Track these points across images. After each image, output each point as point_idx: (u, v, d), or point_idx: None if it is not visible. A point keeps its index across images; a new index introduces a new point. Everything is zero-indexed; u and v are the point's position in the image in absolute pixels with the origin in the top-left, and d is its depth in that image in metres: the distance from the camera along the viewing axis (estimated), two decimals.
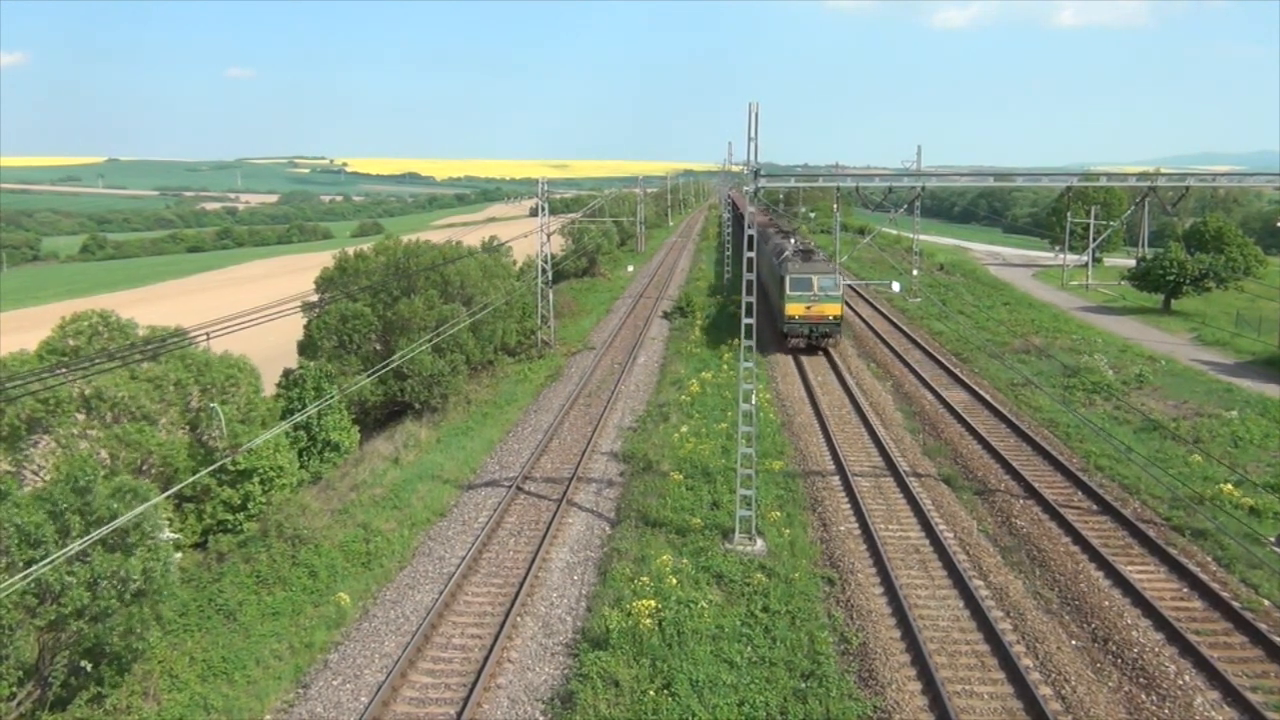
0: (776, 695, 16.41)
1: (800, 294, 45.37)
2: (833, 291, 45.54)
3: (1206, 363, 43.81)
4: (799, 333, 45.63)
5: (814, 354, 45.86)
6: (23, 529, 15.35)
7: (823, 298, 45.44)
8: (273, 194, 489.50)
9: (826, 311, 45.48)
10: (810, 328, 45.47)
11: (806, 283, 45.36)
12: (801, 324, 45.44)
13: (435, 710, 17.03)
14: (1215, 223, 68.97)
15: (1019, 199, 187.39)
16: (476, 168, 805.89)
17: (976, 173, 46.02)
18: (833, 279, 45.75)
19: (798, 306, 45.41)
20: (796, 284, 45.30)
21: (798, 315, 45.40)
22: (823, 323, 45.49)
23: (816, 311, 45.39)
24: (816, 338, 45.80)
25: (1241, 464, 27.95)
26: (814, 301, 45.31)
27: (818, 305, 45.39)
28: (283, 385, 32.68)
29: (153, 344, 25.24)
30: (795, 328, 45.57)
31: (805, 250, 49.47)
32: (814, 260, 47.59)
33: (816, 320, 45.38)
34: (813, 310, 45.35)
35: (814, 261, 47.26)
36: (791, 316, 45.47)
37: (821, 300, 45.36)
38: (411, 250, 43.46)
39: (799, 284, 45.33)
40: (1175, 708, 16.01)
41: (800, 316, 45.43)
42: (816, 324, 45.40)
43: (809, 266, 46.32)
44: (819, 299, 45.38)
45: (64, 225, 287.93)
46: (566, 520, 25.97)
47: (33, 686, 16.36)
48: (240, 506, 25.37)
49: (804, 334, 45.65)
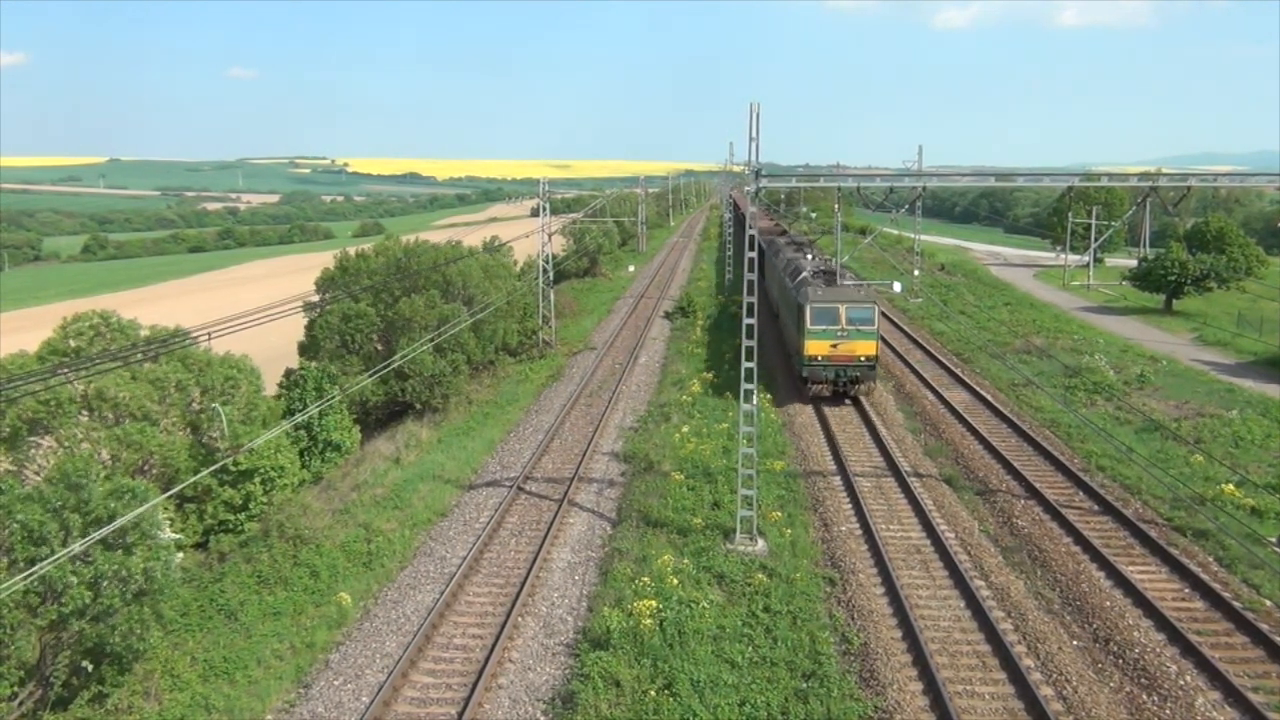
0: (778, 695, 16.41)
1: (824, 328, 35.63)
2: (866, 325, 35.63)
3: (1208, 363, 43.78)
4: (822, 377, 35.93)
5: (840, 402, 36.72)
6: (26, 525, 15.37)
7: (853, 333, 35.57)
8: (274, 194, 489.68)
9: (858, 350, 35.60)
10: (837, 371, 35.81)
11: (831, 314, 35.69)
12: (825, 366, 35.83)
13: (436, 710, 17.03)
14: (1217, 223, 68.95)
15: (1020, 199, 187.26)
16: (478, 168, 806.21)
17: (978, 173, 44.33)
18: (868, 309, 35.79)
19: (820, 344, 35.67)
20: (820, 315, 35.72)
21: (820, 356, 35.66)
22: (853, 364, 35.76)
23: (845, 351, 35.62)
24: (845, 383, 36.11)
25: (1243, 464, 27.93)
26: (842, 338, 35.54)
27: (846, 343, 35.61)
28: (284, 385, 32.71)
29: (154, 344, 25.25)
30: (817, 371, 35.94)
31: (828, 271, 40.34)
32: (840, 283, 37.94)
33: (845, 361, 35.69)
34: (840, 349, 35.60)
35: (841, 285, 37.63)
36: (813, 357, 35.74)
37: (851, 337, 35.57)
38: (412, 250, 43.49)
39: (822, 315, 35.71)
40: (1177, 708, 16.00)
41: (824, 357, 35.67)
42: (845, 366, 35.77)
43: (835, 293, 36.52)
44: (848, 335, 35.60)
45: (65, 225, 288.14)
46: (568, 520, 25.97)
47: (34, 686, 16.37)
48: (241, 507, 25.40)
49: (828, 379, 35.97)
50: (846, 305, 35.72)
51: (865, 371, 35.93)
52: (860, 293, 36.62)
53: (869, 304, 35.89)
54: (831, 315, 35.64)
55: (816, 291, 36.38)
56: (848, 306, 35.71)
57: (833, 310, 35.68)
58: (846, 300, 35.96)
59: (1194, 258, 59.85)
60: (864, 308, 35.75)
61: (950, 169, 56.10)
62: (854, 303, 35.91)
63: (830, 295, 36.28)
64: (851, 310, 35.70)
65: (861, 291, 36.84)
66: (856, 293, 36.74)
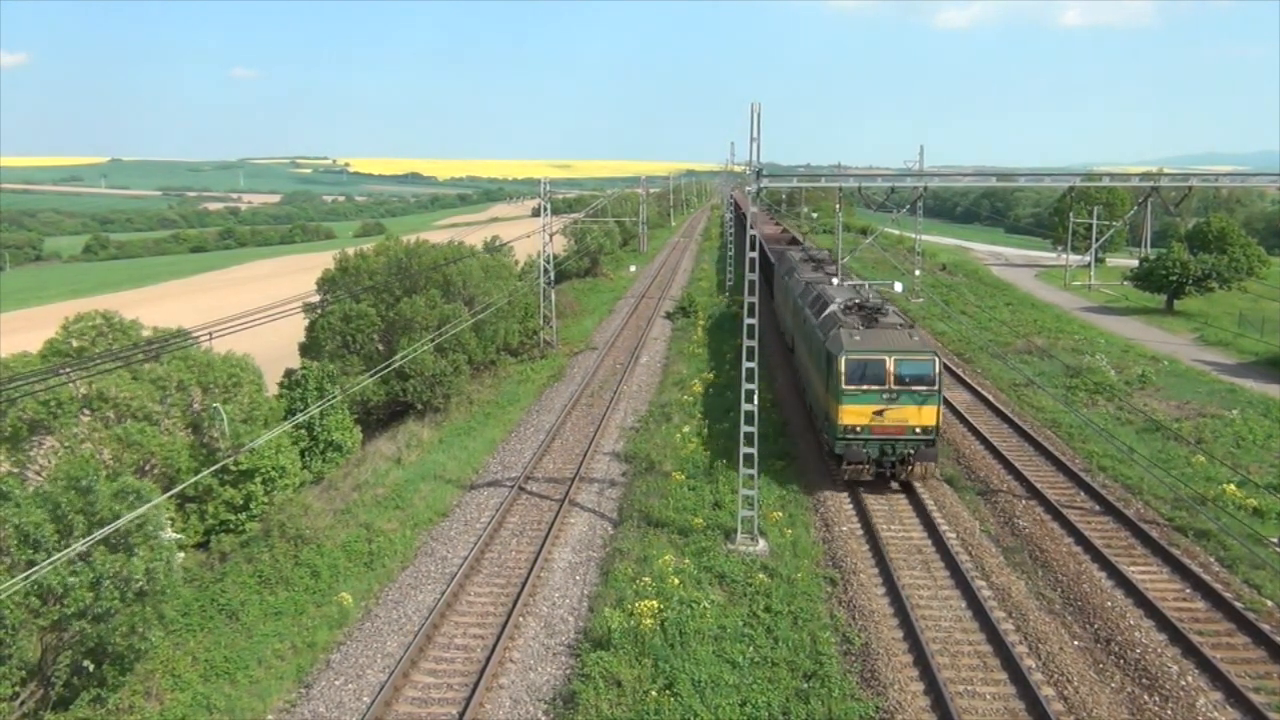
0: (779, 695, 16.41)
1: (865, 389, 25.63)
2: (924, 384, 25.60)
3: (1209, 363, 43.76)
4: (861, 456, 25.72)
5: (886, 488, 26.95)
6: (22, 529, 15.38)
7: (905, 396, 25.56)
8: (275, 194, 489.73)
9: (911, 420, 25.61)
10: (882, 446, 25.78)
11: (875, 369, 25.68)
12: (867, 440, 25.70)
13: (437, 710, 17.03)
14: (1218, 223, 68.92)
15: (1021, 199, 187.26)
16: (479, 168, 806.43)
17: (979, 173, 44.11)
18: (925, 361, 25.74)
19: (859, 411, 25.68)
20: (858, 371, 25.71)
21: (859, 426, 25.69)
22: (905, 437, 25.73)
23: (894, 420, 25.59)
24: (893, 463, 26.10)
25: (1244, 465, 27.91)
26: (889, 403, 25.56)
27: (895, 410, 25.54)
28: (285, 385, 32.73)
29: (155, 344, 25.27)
30: (855, 447, 25.71)
31: (866, 307, 29.62)
32: (885, 323, 27.89)
33: (893, 434, 25.72)
34: (887, 418, 25.57)
35: (886, 327, 27.49)
36: (849, 428, 25.72)
37: (903, 400, 25.55)
38: (413, 250, 43.51)
39: (862, 371, 25.72)
40: (1178, 708, 15.99)
41: (865, 427, 25.67)
42: (894, 439, 25.75)
43: (879, 339, 26.46)
44: (898, 398, 25.55)
45: (67, 225, 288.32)
46: (569, 520, 25.98)
47: (35, 686, 16.38)
48: (242, 506, 25.40)
49: (871, 458, 25.85)
50: (896, 357, 25.59)
51: (922, 448, 25.67)
52: (914, 338, 26.61)
53: (927, 355, 25.81)
54: (875, 371, 25.62)
55: (852, 337, 26.33)
56: (898, 358, 25.58)
57: (876, 364, 25.62)
58: (896, 350, 25.77)
59: (1195, 258, 59.84)
60: (920, 360, 25.69)
61: (952, 169, 56.01)
62: (906, 353, 25.73)
63: (872, 343, 26.17)
64: (903, 364, 25.60)
65: (915, 337, 26.77)
66: (908, 338, 26.52)
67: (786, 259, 47.93)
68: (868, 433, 25.81)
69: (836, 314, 29.08)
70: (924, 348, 26.37)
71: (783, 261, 48.51)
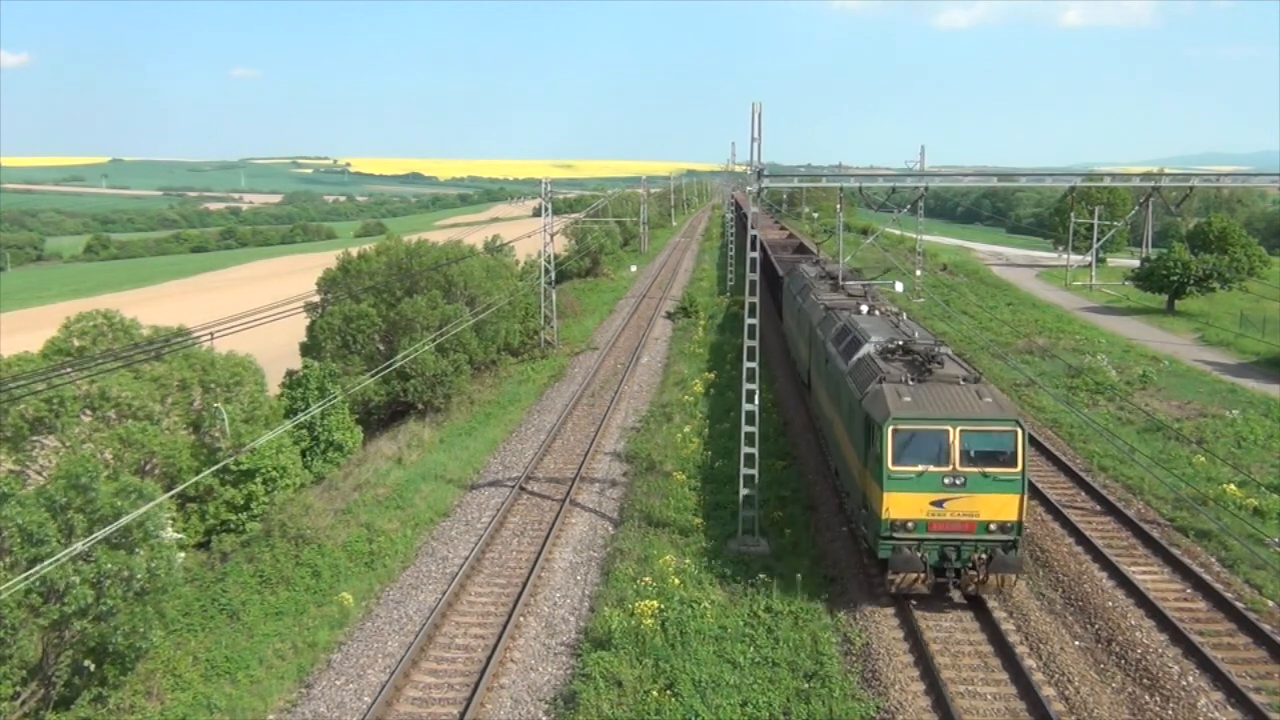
0: (780, 695, 16.41)
1: (919, 470, 18.70)
2: (1001, 464, 18.67)
3: (1210, 363, 43.74)
4: (915, 564, 18.77)
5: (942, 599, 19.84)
6: (24, 528, 15.39)
7: (977, 479, 18.65)
8: (276, 194, 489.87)
9: (984, 512, 18.73)
10: (943, 548, 18.93)
11: (933, 442, 18.72)
12: (922, 540, 18.88)
13: (438, 710, 17.04)
14: (1219, 223, 68.89)
15: (1022, 199, 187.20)
16: (480, 168, 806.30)
17: (980, 173, 43.88)
18: (1004, 431, 18.81)
19: (912, 500, 18.78)
20: (911, 444, 18.78)
21: (913, 521, 18.85)
22: (975, 536, 18.82)
23: (962, 513, 18.75)
24: (958, 570, 19.06)
25: (1245, 465, 27.89)
26: (956, 488, 18.67)
27: (962, 498, 18.70)
28: (286, 385, 32.76)
29: (156, 344, 25.29)
30: (906, 551, 18.86)
31: (914, 350, 22.19)
32: (943, 375, 20.71)
33: (960, 530, 18.81)
34: (953, 510, 18.74)
35: (945, 380, 20.41)
36: (899, 523, 18.87)
37: (973, 486, 18.65)
38: (414, 250, 43.52)
39: (916, 444, 18.78)
40: (1179, 709, 15.97)
41: (919, 523, 18.84)
42: (960, 539, 18.86)
43: (939, 398, 19.52)
44: (969, 481, 18.66)
45: (68, 225, 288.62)
46: (570, 520, 25.98)
47: (37, 685, 16.41)
48: (243, 506, 25.43)
49: (928, 564, 18.91)
50: (963, 426, 18.59)
51: (999, 552, 18.62)
52: (985, 398, 19.34)
53: (1006, 423, 18.76)
54: (933, 446, 18.58)
55: (900, 397, 19.23)
56: (966, 429, 18.59)
57: (935, 437, 18.59)
58: (963, 417, 18.74)
59: (1196, 258, 59.79)
60: (997, 430, 18.69)
61: (953, 169, 55.97)
62: (977, 421, 18.70)
63: (929, 405, 19.07)
64: (974, 436, 18.58)
65: (986, 396, 19.42)
66: (977, 398, 19.30)
67: (799, 275, 40.58)
68: (923, 530, 18.66)
69: (874, 360, 21.85)
70: (1002, 413, 18.95)
71: (794, 277, 41.29)
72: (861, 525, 20.93)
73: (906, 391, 19.62)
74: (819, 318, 30.06)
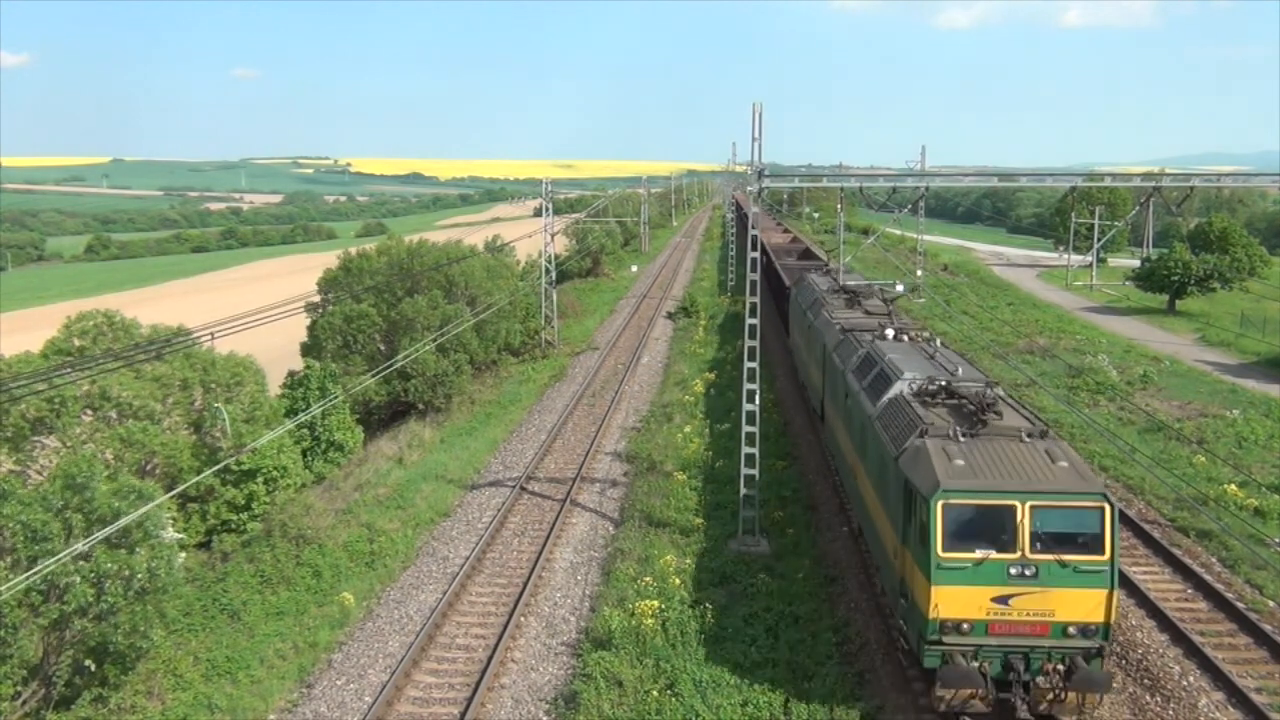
0: (780, 695, 16.40)
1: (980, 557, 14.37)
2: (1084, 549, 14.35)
3: (1211, 363, 43.72)
4: (972, 679, 14.21)
5: None
6: (29, 525, 15.40)
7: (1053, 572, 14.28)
8: (277, 194, 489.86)
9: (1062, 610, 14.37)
10: (1007, 656, 14.56)
11: (996, 521, 14.43)
12: (981, 646, 14.55)
13: (439, 710, 17.05)
14: (1220, 223, 68.89)
15: (1023, 199, 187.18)
16: (481, 168, 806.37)
17: (981, 173, 43.74)
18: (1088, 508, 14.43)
19: (968, 595, 14.43)
20: (966, 523, 14.49)
21: (969, 621, 14.46)
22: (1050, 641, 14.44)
23: (1033, 611, 14.38)
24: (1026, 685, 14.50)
25: (1246, 465, 27.89)
26: (1023, 580, 14.33)
27: (1037, 593, 14.34)
28: (287, 385, 32.78)
29: (157, 344, 25.30)
30: (961, 659, 14.55)
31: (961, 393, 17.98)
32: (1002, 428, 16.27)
33: (1030, 633, 14.44)
34: (1021, 608, 14.38)
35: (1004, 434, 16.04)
36: (951, 624, 14.47)
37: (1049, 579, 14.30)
38: (415, 250, 43.53)
39: (973, 523, 14.50)
40: (1180, 709, 15.97)
41: (977, 624, 14.48)
42: (1030, 645, 14.48)
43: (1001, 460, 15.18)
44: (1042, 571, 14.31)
45: (68, 225, 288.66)
46: (570, 520, 25.98)
47: (37, 685, 16.41)
48: (244, 506, 25.44)
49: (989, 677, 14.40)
50: (1035, 500, 14.51)
51: (1080, 660, 14.48)
52: (1059, 461, 15.06)
53: (1091, 497, 14.57)
54: (996, 525, 14.52)
55: (951, 460, 15.09)
56: (1038, 502, 14.52)
57: (999, 514, 14.52)
58: (1034, 489, 14.61)
59: (1197, 258, 59.77)
60: (1079, 504, 14.58)
61: (953, 169, 55.92)
62: (1054, 495, 14.58)
63: (990, 472, 14.95)
64: (1047, 511, 14.53)
65: (1062, 460, 15.11)
66: (1048, 462, 15.09)
67: (808, 288, 35.56)
68: (982, 633, 14.46)
69: (909, 404, 17.62)
70: (1084, 484, 14.55)
71: (803, 289, 36.67)
72: (900, 618, 16.25)
73: (957, 451, 15.20)
74: (834, 340, 26.22)
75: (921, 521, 14.77)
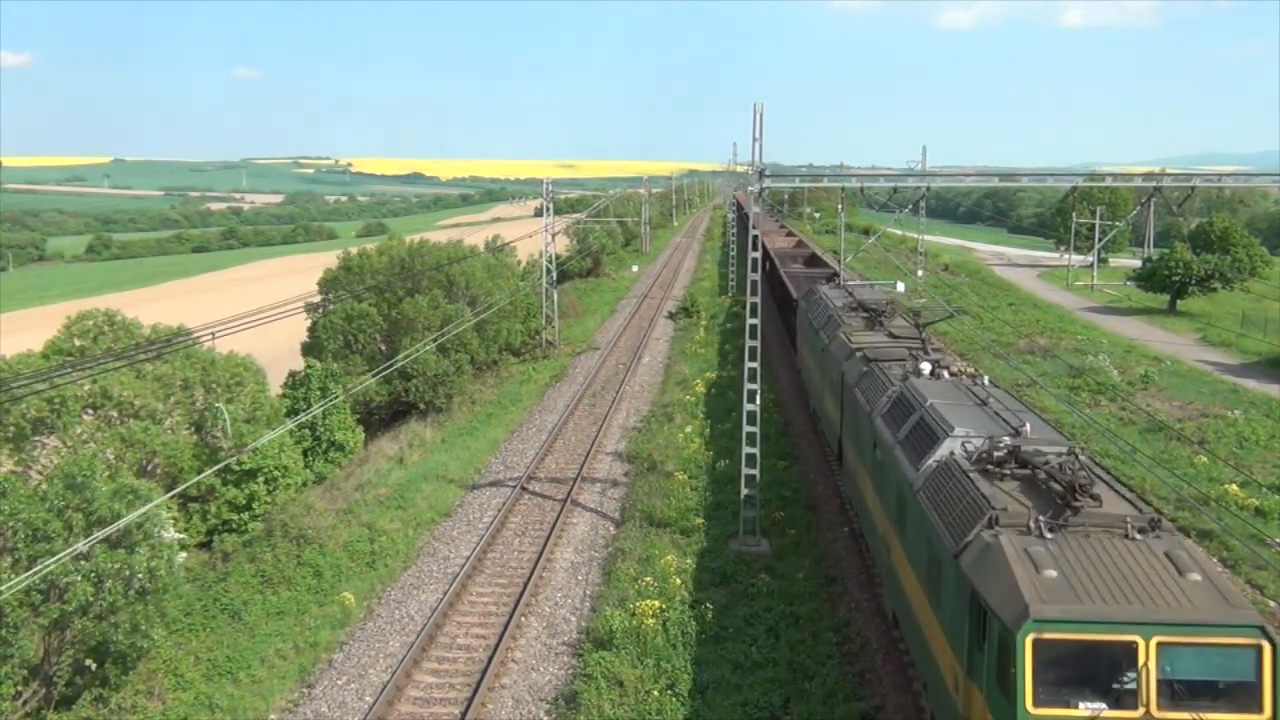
0: (780, 695, 16.39)
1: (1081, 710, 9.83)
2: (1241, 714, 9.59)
3: (1212, 363, 43.70)
4: None
5: None
6: (30, 524, 15.41)
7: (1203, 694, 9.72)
8: (278, 194, 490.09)
9: None
10: None
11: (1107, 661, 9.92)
12: None
13: (439, 710, 17.04)
14: (1221, 223, 68.87)
15: (1024, 199, 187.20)
16: (482, 168, 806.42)
17: (982, 173, 43.72)
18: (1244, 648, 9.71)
19: None
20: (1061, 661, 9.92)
21: None
22: None
23: None
24: None
25: (1247, 465, 27.87)
26: None
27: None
28: (288, 385, 32.79)
29: (157, 344, 25.30)
30: None
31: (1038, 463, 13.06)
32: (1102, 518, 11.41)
33: None
34: None
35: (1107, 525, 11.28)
36: None
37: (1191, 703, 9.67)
38: (416, 250, 43.54)
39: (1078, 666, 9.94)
40: None
41: None
42: None
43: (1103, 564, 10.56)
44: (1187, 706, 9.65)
45: (69, 225, 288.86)
46: (571, 520, 25.97)
47: (38, 685, 16.41)
48: (245, 506, 25.44)
49: None
50: (1162, 635, 9.82)
51: None
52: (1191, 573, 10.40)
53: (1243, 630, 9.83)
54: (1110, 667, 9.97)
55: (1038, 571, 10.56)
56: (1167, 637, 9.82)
57: (1113, 652, 9.93)
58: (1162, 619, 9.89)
59: (1198, 258, 59.75)
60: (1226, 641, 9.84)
61: (954, 169, 55.90)
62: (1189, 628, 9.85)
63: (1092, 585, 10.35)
64: (1179, 650, 9.85)
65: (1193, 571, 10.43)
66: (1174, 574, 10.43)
67: (819, 302, 31.69)
68: None
69: (968, 476, 13.38)
70: (1231, 612, 10.04)
71: (813, 303, 32.64)
72: None
73: (1045, 555, 10.83)
74: (855, 372, 22.33)
75: (999, 657, 10.45)
